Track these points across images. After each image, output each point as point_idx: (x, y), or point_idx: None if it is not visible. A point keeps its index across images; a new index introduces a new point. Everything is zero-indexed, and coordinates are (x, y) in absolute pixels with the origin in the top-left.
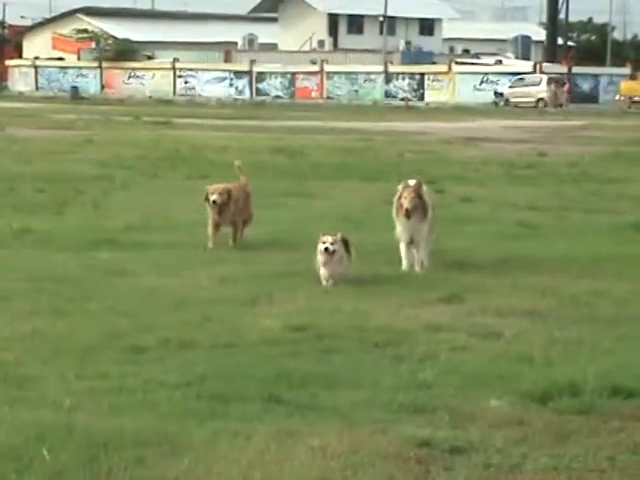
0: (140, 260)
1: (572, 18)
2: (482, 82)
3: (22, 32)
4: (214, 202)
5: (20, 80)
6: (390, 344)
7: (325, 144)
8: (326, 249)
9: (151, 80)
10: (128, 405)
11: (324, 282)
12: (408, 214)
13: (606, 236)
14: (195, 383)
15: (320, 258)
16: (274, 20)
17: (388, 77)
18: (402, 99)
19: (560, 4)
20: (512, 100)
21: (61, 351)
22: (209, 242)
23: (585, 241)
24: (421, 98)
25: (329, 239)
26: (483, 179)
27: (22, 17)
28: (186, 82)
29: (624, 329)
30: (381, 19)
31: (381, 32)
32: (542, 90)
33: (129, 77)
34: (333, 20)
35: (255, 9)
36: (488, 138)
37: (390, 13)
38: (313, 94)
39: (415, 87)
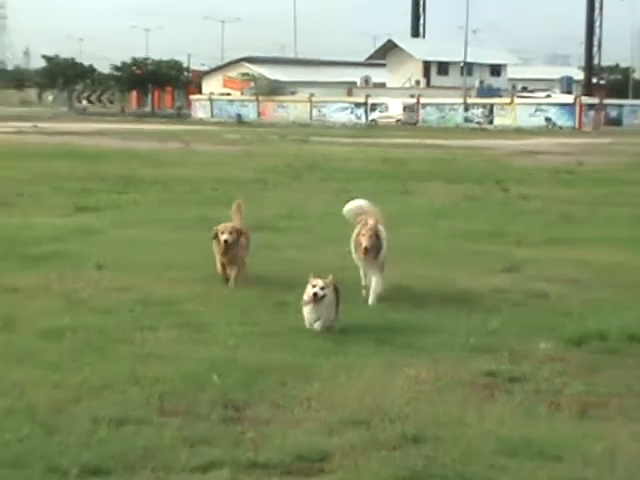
0: (285, 239)
1: (604, 63)
2: (536, 110)
3: (201, 75)
4: (225, 242)
5: (200, 110)
6: (466, 301)
7: (420, 156)
8: (315, 294)
9: (294, 109)
10: (275, 344)
11: (307, 324)
12: (366, 252)
13: (625, 223)
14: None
15: (306, 300)
16: (383, 65)
17: (466, 107)
18: (477, 123)
19: (594, 52)
20: (380, 121)
21: (227, 305)
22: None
23: (609, 227)
24: (491, 122)
25: (319, 283)
26: (536, 182)
27: (202, 64)
28: (319, 111)
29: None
30: (462, 64)
31: (462, 74)
32: (400, 114)
33: (278, 107)
34: (427, 65)
35: (370, 57)
36: (541, 151)
37: (469, 60)
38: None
39: (487, 114)
